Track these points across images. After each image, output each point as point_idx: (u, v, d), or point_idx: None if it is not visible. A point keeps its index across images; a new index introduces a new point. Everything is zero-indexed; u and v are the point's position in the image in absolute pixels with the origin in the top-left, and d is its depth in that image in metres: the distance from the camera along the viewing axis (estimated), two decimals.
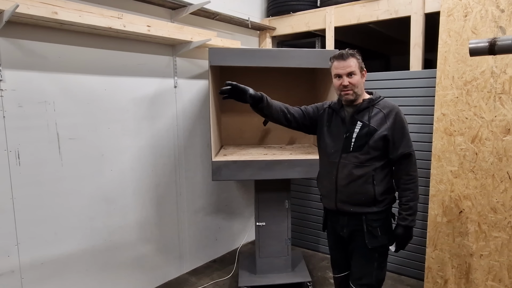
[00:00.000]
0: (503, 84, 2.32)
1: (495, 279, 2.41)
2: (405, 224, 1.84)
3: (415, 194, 1.86)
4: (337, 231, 2.00)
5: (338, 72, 1.86)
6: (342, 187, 1.90)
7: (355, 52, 1.88)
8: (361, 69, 1.88)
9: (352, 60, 1.85)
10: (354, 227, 1.90)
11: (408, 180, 1.85)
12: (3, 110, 2.06)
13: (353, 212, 1.89)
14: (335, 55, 1.90)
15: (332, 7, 3.33)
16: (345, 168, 1.88)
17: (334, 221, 2.01)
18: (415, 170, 1.87)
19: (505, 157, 2.33)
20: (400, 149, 1.84)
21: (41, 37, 2.19)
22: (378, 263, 1.90)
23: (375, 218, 1.87)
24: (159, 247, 3.00)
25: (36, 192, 2.22)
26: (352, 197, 1.88)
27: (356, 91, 1.87)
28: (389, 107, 1.88)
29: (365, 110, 1.89)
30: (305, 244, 3.76)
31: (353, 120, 1.90)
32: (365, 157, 1.85)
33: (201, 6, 2.83)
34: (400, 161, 1.86)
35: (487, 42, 1.44)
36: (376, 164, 1.86)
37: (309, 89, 3.31)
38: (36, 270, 2.25)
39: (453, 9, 2.51)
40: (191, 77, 3.14)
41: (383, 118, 1.85)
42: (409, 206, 1.84)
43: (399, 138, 1.84)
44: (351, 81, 1.84)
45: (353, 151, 1.87)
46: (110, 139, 2.58)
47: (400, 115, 1.87)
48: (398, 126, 1.84)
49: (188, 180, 3.20)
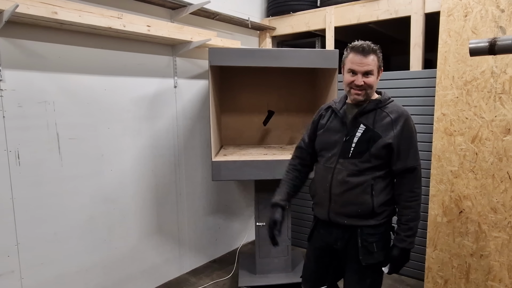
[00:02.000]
0: (503, 84, 2.32)
1: (495, 279, 2.41)
2: (403, 247, 1.63)
3: (417, 213, 1.64)
4: (329, 244, 1.78)
5: (354, 68, 1.63)
6: (336, 196, 1.68)
7: (377, 48, 1.65)
8: (379, 69, 1.66)
9: (373, 58, 1.62)
10: (348, 241, 1.70)
11: (411, 197, 1.64)
12: (3, 110, 2.05)
13: (348, 225, 1.68)
14: (355, 45, 1.64)
15: (332, 7, 3.33)
16: (341, 174, 1.67)
17: (326, 232, 1.79)
18: (419, 187, 1.65)
19: (505, 157, 2.33)
20: (405, 162, 1.63)
21: (41, 37, 2.19)
22: (371, 280, 1.72)
23: (371, 232, 1.67)
24: (159, 247, 3.00)
25: (36, 192, 2.22)
26: (347, 207, 1.67)
27: (369, 92, 1.66)
28: (398, 112, 1.66)
29: (371, 112, 1.67)
30: (305, 244, 3.74)
31: (356, 123, 1.68)
32: (364, 165, 1.64)
33: (201, 6, 2.83)
34: (403, 175, 1.65)
35: (487, 42, 1.43)
36: (377, 173, 1.65)
37: (309, 89, 3.31)
38: (36, 270, 2.25)
39: (453, 9, 2.51)
40: (191, 77, 3.14)
41: (390, 124, 1.63)
42: (408, 226, 1.63)
43: (406, 149, 1.63)
44: (366, 81, 1.62)
45: (352, 157, 1.65)
46: (110, 139, 2.58)
47: (410, 122, 1.65)
48: (405, 135, 1.63)
49: (188, 180, 3.20)
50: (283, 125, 3.34)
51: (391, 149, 1.62)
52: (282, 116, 3.30)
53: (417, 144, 1.69)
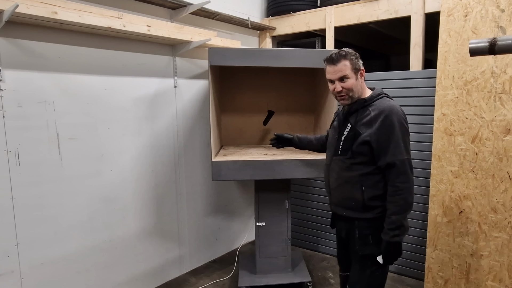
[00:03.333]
0: (503, 84, 2.32)
1: (495, 279, 2.41)
2: (386, 239, 1.69)
3: (400, 207, 1.67)
4: (338, 233, 2.00)
5: (330, 78, 1.77)
6: (333, 190, 1.88)
7: (347, 53, 1.72)
8: (356, 71, 1.73)
9: (344, 63, 1.71)
10: (349, 231, 1.86)
11: (393, 192, 1.68)
12: (2, 110, 2.05)
13: (346, 216, 1.84)
14: (326, 57, 1.77)
15: (332, 7, 3.33)
16: (334, 171, 1.85)
17: (335, 223, 2.02)
18: (403, 181, 1.66)
19: (505, 157, 2.33)
20: (385, 158, 1.67)
21: (41, 37, 2.19)
22: (371, 271, 1.79)
23: (367, 225, 1.77)
24: (159, 247, 3.00)
25: (36, 192, 2.22)
26: (342, 201, 1.84)
27: (352, 95, 1.75)
28: (380, 108, 1.70)
29: (357, 111, 1.78)
30: (305, 244, 3.76)
31: (345, 122, 1.82)
32: (350, 161, 1.76)
33: (201, 6, 2.83)
34: (386, 170, 1.70)
35: (487, 42, 1.43)
36: (364, 169, 1.74)
37: (309, 89, 3.31)
38: (36, 270, 2.25)
39: (453, 9, 2.51)
40: (191, 77, 3.14)
41: (370, 121, 1.70)
42: (391, 220, 1.67)
43: (385, 145, 1.66)
44: (344, 85, 1.73)
45: (341, 154, 1.80)
46: (110, 139, 2.58)
47: (391, 118, 1.66)
48: (384, 131, 1.66)
49: (188, 180, 3.20)
50: (283, 125, 3.34)
51: (371, 146, 1.69)
52: (282, 116, 3.30)
53: (403, 139, 1.68)
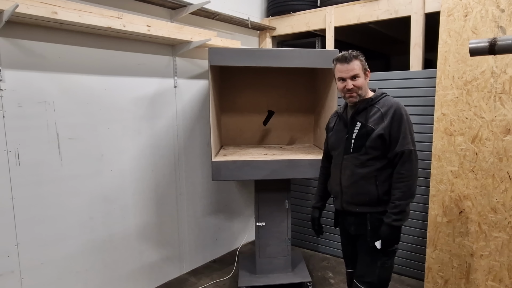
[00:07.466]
0: (503, 84, 2.32)
1: (495, 279, 2.41)
2: (388, 222, 1.80)
3: (404, 193, 1.78)
4: (346, 229, 2.04)
5: (342, 76, 1.86)
6: (346, 188, 1.93)
7: (358, 54, 1.87)
8: (364, 70, 1.88)
9: (356, 63, 1.84)
10: (360, 225, 1.92)
11: (398, 178, 1.80)
12: (2, 110, 2.05)
13: (359, 212, 1.91)
14: (338, 57, 1.88)
15: (332, 7, 3.33)
16: (347, 169, 1.91)
17: (343, 220, 2.07)
18: (408, 169, 1.79)
19: (505, 157, 2.33)
20: (394, 148, 1.81)
21: (41, 37, 2.19)
22: (381, 262, 1.88)
23: (379, 217, 1.86)
24: (159, 247, 3.00)
25: (36, 192, 2.22)
26: (356, 197, 1.90)
27: (360, 93, 1.87)
28: (387, 105, 1.85)
29: (365, 110, 1.89)
30: (305, 244, 3.76)
31: (353, 121, 1.91)
32: (364, 157, 1.85)
33: (201, 6, 2.83)
34: (394, 159, 1.83)
35: (487, 42, 1.44)
36: (378, 164, 1.85)
37: (309, 89, 3.31)
38: (36, 270, 2.25)
39: (453, 9, 2.51)
40: (191, 77, 3.14)
41: (381, 117, 1.83)
42: (395, 204, 1.79)
43: (395, 136, 1.81)
44: (355, 84, 1.84)
45: (353, 152, 1.88)
46: (110, 139, 2.58)
47: (400, 111, 1.82)
48: (395, 123, 1.81)
49: (188, 180, 3.20)
50: (283, 125, 3.34)
51: (384, 139, 1.81)
52: (282, 116, 3.30)
53: (410, 131, 1.83)
